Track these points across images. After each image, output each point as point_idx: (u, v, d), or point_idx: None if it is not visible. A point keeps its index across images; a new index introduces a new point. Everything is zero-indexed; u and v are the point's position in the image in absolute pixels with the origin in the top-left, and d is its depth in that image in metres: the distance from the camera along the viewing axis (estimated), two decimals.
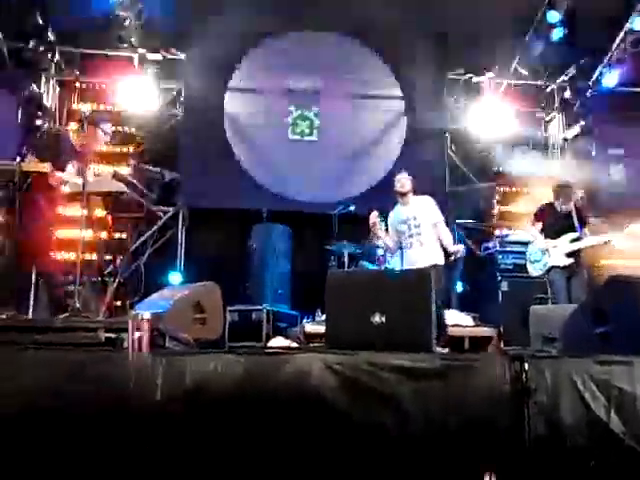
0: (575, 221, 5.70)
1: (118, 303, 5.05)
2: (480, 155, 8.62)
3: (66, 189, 4.39)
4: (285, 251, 7.50)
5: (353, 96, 8.53)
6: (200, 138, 8.09)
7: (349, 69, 8.56)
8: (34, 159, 4.33)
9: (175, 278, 7.55)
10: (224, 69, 8.30)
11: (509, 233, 7.57)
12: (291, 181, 8.15)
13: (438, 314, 4.11)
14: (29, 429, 2.34)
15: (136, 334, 2.61)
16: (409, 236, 5.45)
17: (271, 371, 2.47)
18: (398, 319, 3.07)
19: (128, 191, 4.46)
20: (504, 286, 6.97)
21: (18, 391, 2.39)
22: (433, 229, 5.45)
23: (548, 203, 5.95)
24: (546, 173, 7.79)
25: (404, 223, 5.49)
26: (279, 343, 5.44)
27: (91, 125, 4.56)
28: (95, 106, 8.00)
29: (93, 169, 5.32)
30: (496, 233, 7.82)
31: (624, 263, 6.92)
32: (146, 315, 2.70)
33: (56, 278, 4.54)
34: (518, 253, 6.95)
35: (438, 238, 5.45)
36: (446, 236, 5.49)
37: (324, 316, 3.73)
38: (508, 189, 8.73)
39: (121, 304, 5.08)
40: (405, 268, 5.52)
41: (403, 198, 5.52)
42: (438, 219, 5.50)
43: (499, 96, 8.40)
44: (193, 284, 4.95)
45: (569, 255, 5.62)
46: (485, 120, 8.25)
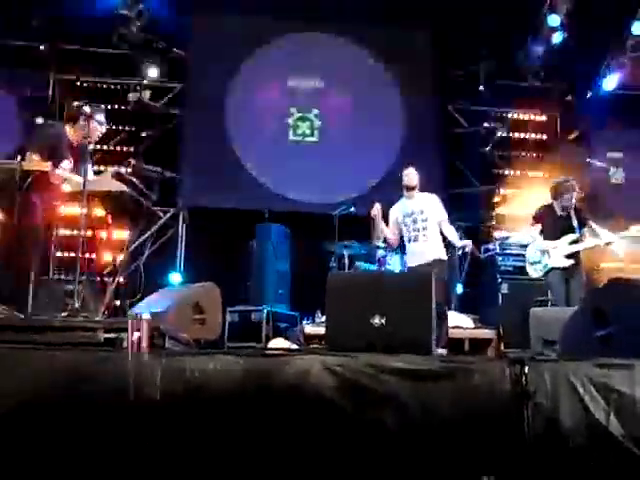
0: (574, 222, 5.70)
1: (117, 303, 5.03)
2: (480, 157, 8.62)
3: (67, 188, 4.38)
4: (285, 251, 7.50)
5: (353, 96, 8.53)
6: (200, 138, 8.10)
7: (349, 70, 8.57)
8: (34, 157, 4.32)
9: (175, 278, 7.56)
10: (225, 69, 8.31)
11: (509, 235, 7.57)
12: (292, 182, 8.16)
13: (439, 311, 4.13)
14: (28, 429, 2.34)
15: (135, 334, 2.61)
16: (414, 230, 5.51)
17: (271, 372, 2.47)
18: (398, 321, 3.07)
19: (128, 190, 4.45)
20: (504, 288, 6.97)
21: (17, 391, 2.38)
22: (438, 226, 5.53)
23: (547, 205, 5.94)
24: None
25: (409, 216, 5.55)
26: (279, 344, 5.43)
27: (86, 118, 4.51)
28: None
29: (92, 167, 5.28)
30: (496, 235, 7.82)
31: (624, 266, 6.91)
32: (145, 315, 2.71)
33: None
34: (518, 255, 6.94)
35: (441, 235, 5.53)
36: (451, 233, 5.60)
37: (324, 317, 3.73)
38: (508, 191, 8.74)
39: (120, 304, 5.07)
40: (409, 261, 5.63)
41: (410, 192, 5.58)
42: (443, 217, 5.58)
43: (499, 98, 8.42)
44: (192, 284, 4.95)
45: (568, 257, 5.62)
46: (485, 121, 8.25)
